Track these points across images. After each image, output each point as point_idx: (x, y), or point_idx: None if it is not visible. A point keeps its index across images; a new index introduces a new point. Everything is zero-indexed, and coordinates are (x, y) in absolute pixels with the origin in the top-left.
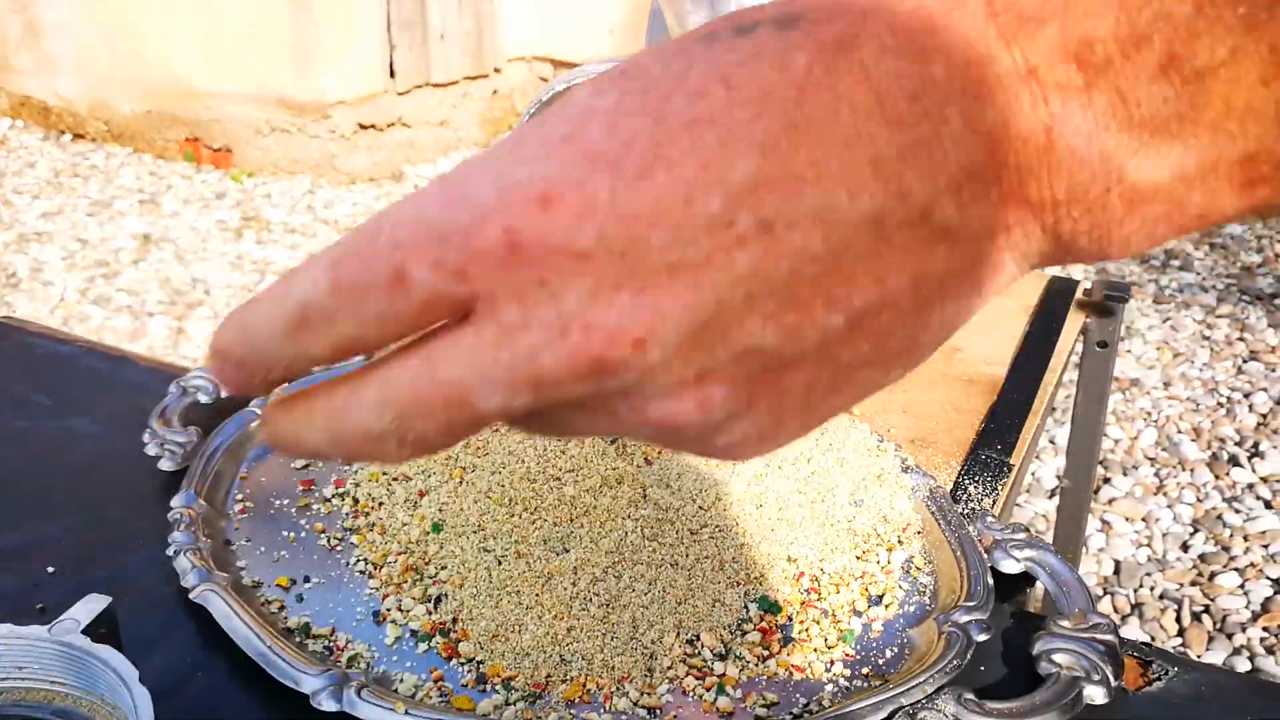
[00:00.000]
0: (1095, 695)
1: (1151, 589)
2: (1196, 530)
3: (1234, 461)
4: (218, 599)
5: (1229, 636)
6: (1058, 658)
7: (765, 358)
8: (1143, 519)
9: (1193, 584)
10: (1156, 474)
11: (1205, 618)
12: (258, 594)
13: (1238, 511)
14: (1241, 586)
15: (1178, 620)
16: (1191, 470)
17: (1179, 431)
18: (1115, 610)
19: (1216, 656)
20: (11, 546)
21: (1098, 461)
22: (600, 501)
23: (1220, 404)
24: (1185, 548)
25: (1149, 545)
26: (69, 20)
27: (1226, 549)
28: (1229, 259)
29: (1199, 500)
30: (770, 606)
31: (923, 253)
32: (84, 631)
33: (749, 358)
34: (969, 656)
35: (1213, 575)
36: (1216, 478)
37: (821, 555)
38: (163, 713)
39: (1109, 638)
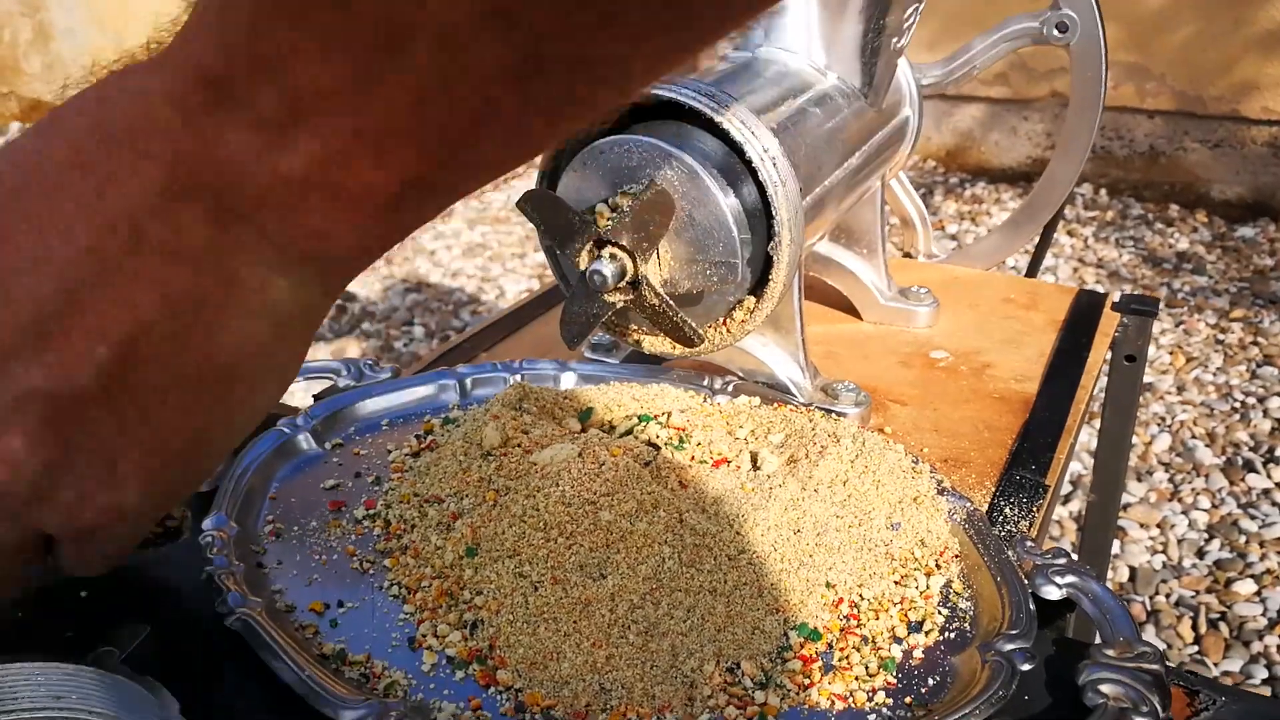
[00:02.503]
0: None
1: (1167, 596)
2: (1212, 537)
3: (1249, 467)
4: (253, 625)
5: (1246, 645)
6: (1104, 688)
7: (47, 400)
8: (1157, 525)
9: (1209, 591)
10: (1171, 479)
11: (1222, 625)
12: (292, 619)
13: (1253, 518)
14: (1258, 594)
15: (1194, 628)
16: (1206, 476)
17: (1193, 437)
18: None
19: (1233, 665)
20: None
21: (1125, 476)
22: (637, 527)
23: (1234, 409)
24: (1201, 554)
25: (1164, 552)
26: (78, 24)
27: (1243, 555)
28: (1242, 262)
29: (1214, 506)
30: (810, 634)
31: (164, 272)
32: (123, 661)
33: (30, 402)
34: (1014, 686)
35: (1229, 582)
36: (1232, 483)
37: (860, 580)
38: None
39: (1156, 667)
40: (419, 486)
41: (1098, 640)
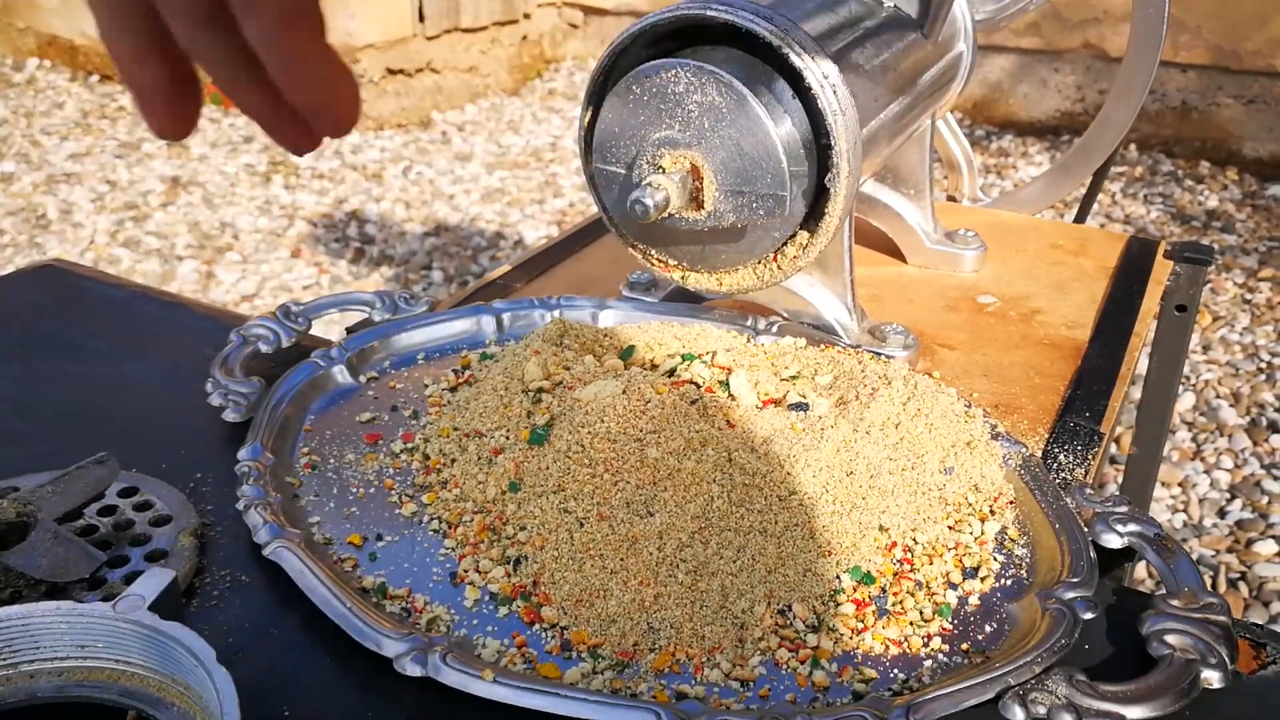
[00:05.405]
0: (1212, 679)
1: (1188, 555)
2: (1234, 497)
3: (1273, 428)
4: (292, 556)
5: (1265, 605)
6: (1170, 639)
7: None
8: (1179, 484)
9: (1229, 551)
10: (1194, 439)
11: (1241, 585)
12: (330, 551)
13: (1276, 479)
14: (1279, 554)
15: (1213, 587)
16: (1230, 436)
17: (1217, 396)
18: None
19: None
20: None
21: (1169, 428)
22: (685, 464)
23: (1260, 369)
24: (1222, 514)
25: (1185, 511)
26: None
27: (1264, 516)
28: (1272, 221)
29: (1237, 466)
30: (863, 577)
31: None
32: (151, 607)
33: None
34: (1076, 635)
35: (1250, 542)
36: (1255, 444)
37: (913, 524)
38: (233, 672)
39: (1223, 619)
40: (459, 421)
41: (1159, 590)
